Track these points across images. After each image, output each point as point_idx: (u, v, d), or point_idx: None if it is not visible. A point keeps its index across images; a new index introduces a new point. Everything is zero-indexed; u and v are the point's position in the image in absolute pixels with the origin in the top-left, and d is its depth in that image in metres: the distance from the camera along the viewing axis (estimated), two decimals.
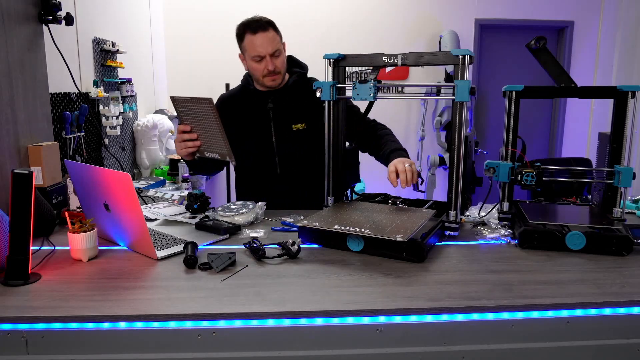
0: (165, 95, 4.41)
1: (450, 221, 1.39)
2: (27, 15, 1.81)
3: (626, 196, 1.46)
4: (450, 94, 1.33)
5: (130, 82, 3.26)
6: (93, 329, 0.94)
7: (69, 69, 2.23)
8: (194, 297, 1.02)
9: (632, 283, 1.09)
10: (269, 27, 1.68)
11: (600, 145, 1.85)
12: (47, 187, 1.64)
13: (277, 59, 1.69)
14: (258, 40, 1.66)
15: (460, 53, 1.31)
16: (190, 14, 4.38)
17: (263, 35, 1.66)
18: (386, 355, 0.98)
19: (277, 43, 1.69)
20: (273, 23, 1.71)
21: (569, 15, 4.62)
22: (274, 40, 1.68)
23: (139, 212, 1.19)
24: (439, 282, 1.09)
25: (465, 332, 0.98)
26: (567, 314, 0.99)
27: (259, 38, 1.66)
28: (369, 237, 1.25)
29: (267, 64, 1.67)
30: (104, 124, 2.93)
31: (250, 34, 1.67)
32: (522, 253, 1.29)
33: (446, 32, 4.31)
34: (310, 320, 0.96)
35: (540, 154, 4.96)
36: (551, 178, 1.60)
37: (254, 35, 1.66)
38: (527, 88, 1.46)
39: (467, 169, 1.44)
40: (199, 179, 3.51)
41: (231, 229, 1.45)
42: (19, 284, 1.08)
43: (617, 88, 1.41)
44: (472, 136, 2.22)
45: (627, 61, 4.26)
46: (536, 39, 1.46)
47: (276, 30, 1.71)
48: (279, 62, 1.70)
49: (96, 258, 1.26)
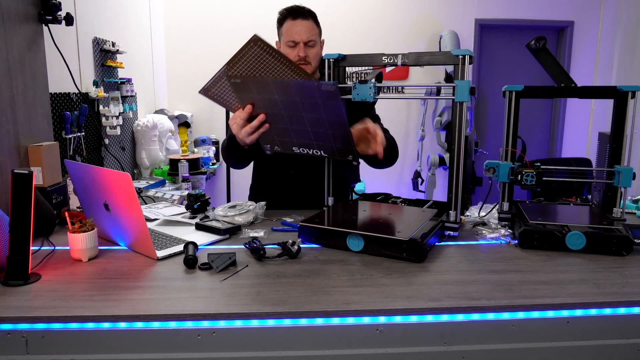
0: (165, 95, 4.41)
1: (450, 221, 1.39)
2: (27, 15, 1.81)
3: (626, 196, 1.46)
4: (450, 94, 1.33)
5: (130, 82, 3.26)
6: (93, 329, 0.94)
7: (69, 69, 2.23)
8: (194, 297, 1.02)
9: (632, 283, 1.09)
10: (309, 17, 1.70)
11: (600, 145, 1.85)
12: (47, 187, 1.64)
13: (311, 49, 1.69)
14: (296, 26, 1.68)
15: (460, 53, 1.31)
16: (191, 13, 4.38)
17: (302, 23, 1.68)
18: (386, 355, 0.98)
19: (315, 34, 1.70)
20: (315, 15, 1.72)
21: (569, 15, 4.62)
22: (312, 30, 1.69)
23: (139, 212, 1.19)
24: (439, 282, 1.09)
25: (465, 332, 0.98)
26: (567, 314, 0.99)
27: (297, 24, 1.67)
28: (369, 236, 1.25)
29: (300, 51, 1.67)
30: (104, 124, 2.93)
31: (291, 19, 1.69)
32: (522, 253, 1.29)
33: (446, 32, 4.32)
34: (310, 320, 0.96)
35: (540, 154, 4.96)
36: (551, 178, 1.60)
37: (294, 21, 1.68)
38: (527, 88, 1.46)
39: (467, 169, 1.44)
40: (199, 179, 3.51)
41: (231, 229, 1.45)
42: (19, 284, 1.08)
43: (617, 88, 1.41)
44: (472, 136, 2.22)
45: (627, 61, 4.26)
46: (536, 39, 1.46)
47: (316, 22, 1.73)
48: (311, 52, 1.70)
49: (96, 258, 1.26)
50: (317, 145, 1.38)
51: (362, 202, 1.62)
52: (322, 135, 1.34)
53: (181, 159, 3.39)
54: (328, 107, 1.26)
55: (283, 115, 1.34)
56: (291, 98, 1.28)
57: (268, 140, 1.44)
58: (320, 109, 1.27)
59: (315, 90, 1.23)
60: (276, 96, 1.29)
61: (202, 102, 4.35)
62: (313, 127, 1.32)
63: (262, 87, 1.30)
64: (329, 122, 1.29)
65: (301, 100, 1.27)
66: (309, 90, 1.25)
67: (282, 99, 1.29)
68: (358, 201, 1.65)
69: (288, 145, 1.42)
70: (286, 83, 1.29)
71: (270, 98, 1.30)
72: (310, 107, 1.28)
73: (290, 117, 1.33)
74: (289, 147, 1.43)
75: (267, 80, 1.32)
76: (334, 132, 1.32)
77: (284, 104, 1.30)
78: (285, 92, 1.28)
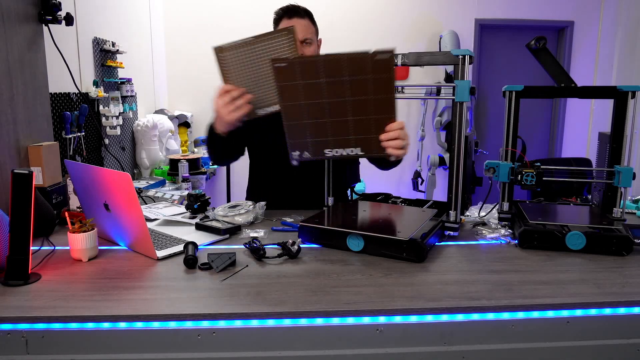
0: (165, 95, 4.41)
1: (450, 221, 1.39)
2: (27, 15, 1.81)
3: (626, 196, 1.46)
4: (450, 94, 1.33)
5: (130, 82, 3.26)
6: (93, 329, 0.94)
7: (69, 69, 2.23)
8: (194, 297, 1.02)
9: (632, 283, 1.09)
10: (305, 16, 1.70)
11: (600, 145, 1.85)
12: (47, 187, 1.64)
13: (307, 47, 1.70)
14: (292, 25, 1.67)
15: (460, 53, 1.31)
16: (191, 13, 4.38)
17: (298, 22, 1.68)
18: (386, 355, 0.98)
19: (311, 33, 1.70)
20: (311, 14, 1.73)
21: (569, 15, 4.62)
22: (308, 29, 1.69)
23: (139, 212, 1.19)
24: (439, 282, 1.09)
25: (465, 332, 0.98)
26: (567, 314, 0.99)
27: (293, 23, 1.67)
28: (369, 236, 1.25)
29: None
30: (104, 124, 2.93)
31: (287, 18, 1.69)
32: (522, 253, 1.29)
33: (446, 32, 4.32)
34: (310, 320, 0.96)
35: (540, 154, 4.96)
36: (551, 178, 1.60)
37: (290, 20, 1.68)
38: (527, 88, 1.46)
39: (467, 169, 1.44)
40: (199, 179, 3.52)
41: (231, 229, 1.45)
42: (19, 284, 1.08)
43: (617, 88, 1.41)
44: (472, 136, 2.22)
45: (627, 61, 4.26)
46: (536, 39, 1.46)
47: (313, 21, 1.73)
48: (308, 51, 1.70)
49: (96, 258, 1.26)
50: (354, 140, 1.31)
51: (362, 202, 1.62)
52: (364, 125, 1.28)
53: (181, 159, 3.39)
54: (378, 84, 1.22)
55: (325, 105, 1.28)
56: (339, 78, 1.23)
57: (298, 144, 1.35)
58: (369, 86, 1.23)
59: (369, 62, 1.20)
60: (323, 79, 1.24)
61: (202, 102, 4.36)
62: (356, 114, 1.28)
63: (309, 69, 1.24)
64: (375, 104, 1.25)
65: (350, 79, 1.23)
66: (362, 62, 1.21)
67: (329, 82, 1.24)
68: (358, 201, 1.65)
69: (321, 147, 1.34)
70: (337, 58, 1.23)
71: (315, 83, 1.25)
72: (358, 87, 1.24)
73: (332, 107, 1.28)
74: (322, 149, 1.35)
75: (317, 58, 1.26)
76: (378, 116, 1.28)
77: (329, 88, 1.25)
78: (334, 70, 1.23)
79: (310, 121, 1.32)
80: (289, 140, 1.35)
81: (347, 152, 1.33)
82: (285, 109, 1.31)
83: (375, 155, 1.34)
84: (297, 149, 1.36)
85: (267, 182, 1.85)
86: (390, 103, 1.27)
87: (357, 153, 1.34)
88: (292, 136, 1.35)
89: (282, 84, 1.28)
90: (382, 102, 1.26)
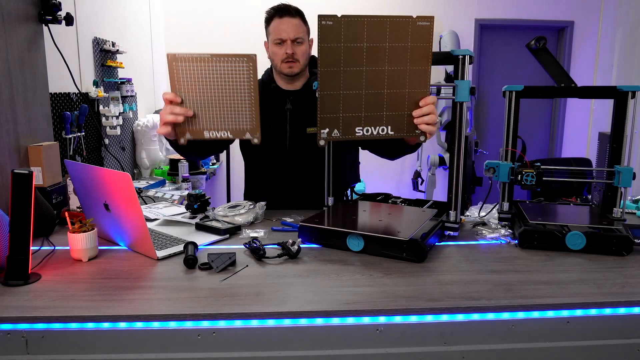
0: None
1: (450, 221, 1.39)
2: (27, 15, 1.81)
3: (626, 196, 1.46)
4: (450, 94, 1.33)
5: (130, 82, 3.26)
6: (93, 329, 0.94)
7: (69, 69, 2.24)
8: (194, 297, 1.02)
9: (632, 283, 1.09)
10: (296, 15, 1.70)
11: (600, 145, 1.85)
12: (47, 187, 1.64)
13: (298, 47, 1.69)
14: (283, 24, 1.68)
15: (460, 53, 1.31)
16: (191, 13, 4.38)
17: (289, 21, 1.68)
18: (386, 355, 0.98)
19: (302, 32, 1.70)
20: (302, 13, 1.72)
21: (569, 15, 4.62)
22: (299, 28, 1.69)
23: (139, 212, 1.19)
24: (439, 282, 1.09)
25: (465, 332, 0.98)
26: (567, 314, 0.99)
27: (284, 22, 1.68)
28: (369, 236, 1.25)
29: (287, 48, 1.67)
30: (104, 124, 2.93)
31: (278, 17, 1.69)
32: (522, 253, 1.29)
33: (446, 32, 4.32)
34: (310, 320, 0.96)
35: (540, 154, 4.96)
36: (551, 178, 1.60)
37: (281, 19, 1.68)
38: (527, 88, 1.46)
39: (467, 169, 1.44)
40: (199, 179, 3.52)
41: (231, 229, 1.45)
42: (19, 284, 1.08)
43: (617, 88, 1.42)
44: (472, 136, 2.22)
45: (627, 61, 4.26)
46: (536, 39, 1.46)
47: (304, 20, 1.73)
48: (299, 50, 1.70)
49: (96, 258, 1.26)
50: (386, 118, 1.28)
51: (362, 202, 1.62)
52: (398, 100, 1.28)
53: (181, 159, 3.39)
54: (416, 53, 1.24)
55: (362, 75, 1.25)
56: (379, 45, 1.23)
57: (329, 120, 1.28)
58: (407, 54, 1.24)
59: (409, 28, 1.23)
60: (365, 43, 1.23)
61: None
62: (391, 86, 1.27)
63: (354, 30, 1.21)
64: (411, 77, 1.26)
65: (390, 44, 1.24)
66: (403, 27, 1.23)
67: (369, 47, 1.23)
68: (358, 201, 1.65)
69: (353, 123, 1.29)
70: (381, 20, 1.23)
71: (356, 48, 1.23)
72: (396, 56, 1.24)
73: (368, 77, 1.26)
74: (353, 127, 1.29)
75: (363, 18, 1.22)
76: (412, 90, 1.28)
77: (369, 55, 1.24)
78: (376, 33, 1.23)
79: (346, 92, 1.28)
80: (320, 114, 1.27)
81: (377, 132, 1.30)
82: (323, 76, 1.26)
83: (405, 136, 1.33)
84: (327, 126, 1.30)
85: (262, 183, 1.85)
86: (426, 76, 1.28)
87: (387, 132, 1.31)
88: (324, 109, 1.27)
89: (324, 46, 1.22)
90: (418, 74, 1.27)
